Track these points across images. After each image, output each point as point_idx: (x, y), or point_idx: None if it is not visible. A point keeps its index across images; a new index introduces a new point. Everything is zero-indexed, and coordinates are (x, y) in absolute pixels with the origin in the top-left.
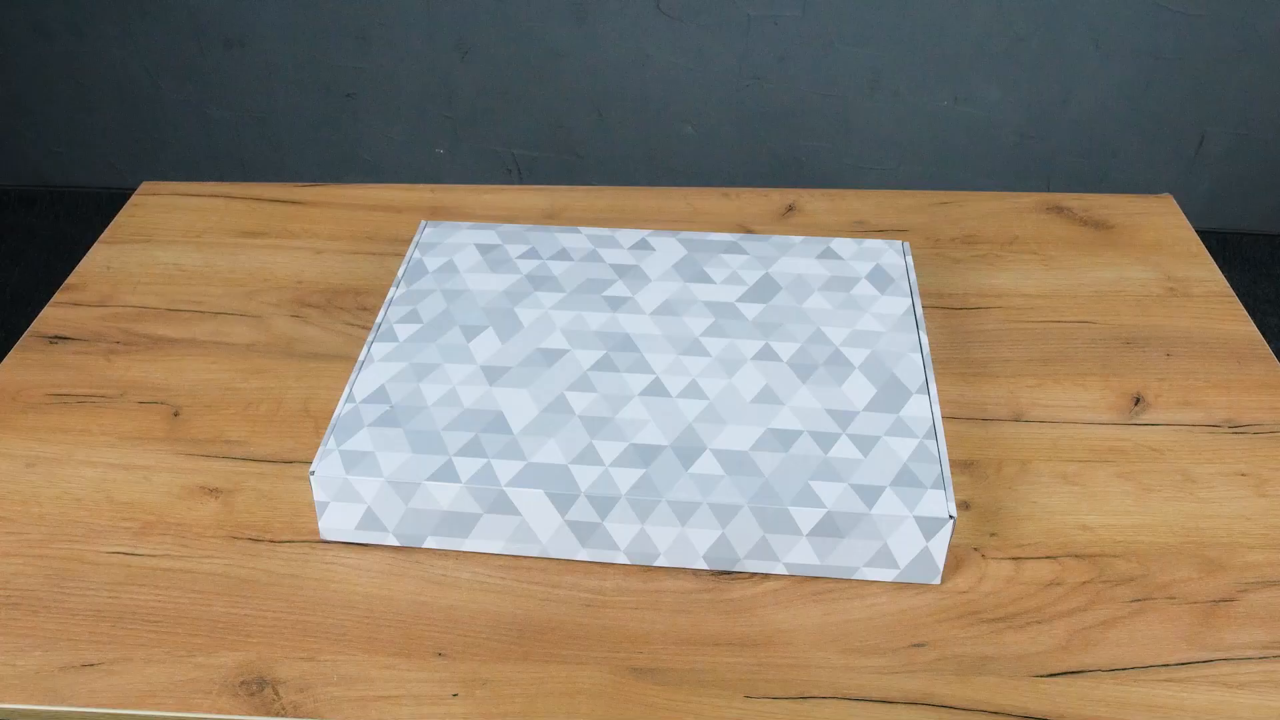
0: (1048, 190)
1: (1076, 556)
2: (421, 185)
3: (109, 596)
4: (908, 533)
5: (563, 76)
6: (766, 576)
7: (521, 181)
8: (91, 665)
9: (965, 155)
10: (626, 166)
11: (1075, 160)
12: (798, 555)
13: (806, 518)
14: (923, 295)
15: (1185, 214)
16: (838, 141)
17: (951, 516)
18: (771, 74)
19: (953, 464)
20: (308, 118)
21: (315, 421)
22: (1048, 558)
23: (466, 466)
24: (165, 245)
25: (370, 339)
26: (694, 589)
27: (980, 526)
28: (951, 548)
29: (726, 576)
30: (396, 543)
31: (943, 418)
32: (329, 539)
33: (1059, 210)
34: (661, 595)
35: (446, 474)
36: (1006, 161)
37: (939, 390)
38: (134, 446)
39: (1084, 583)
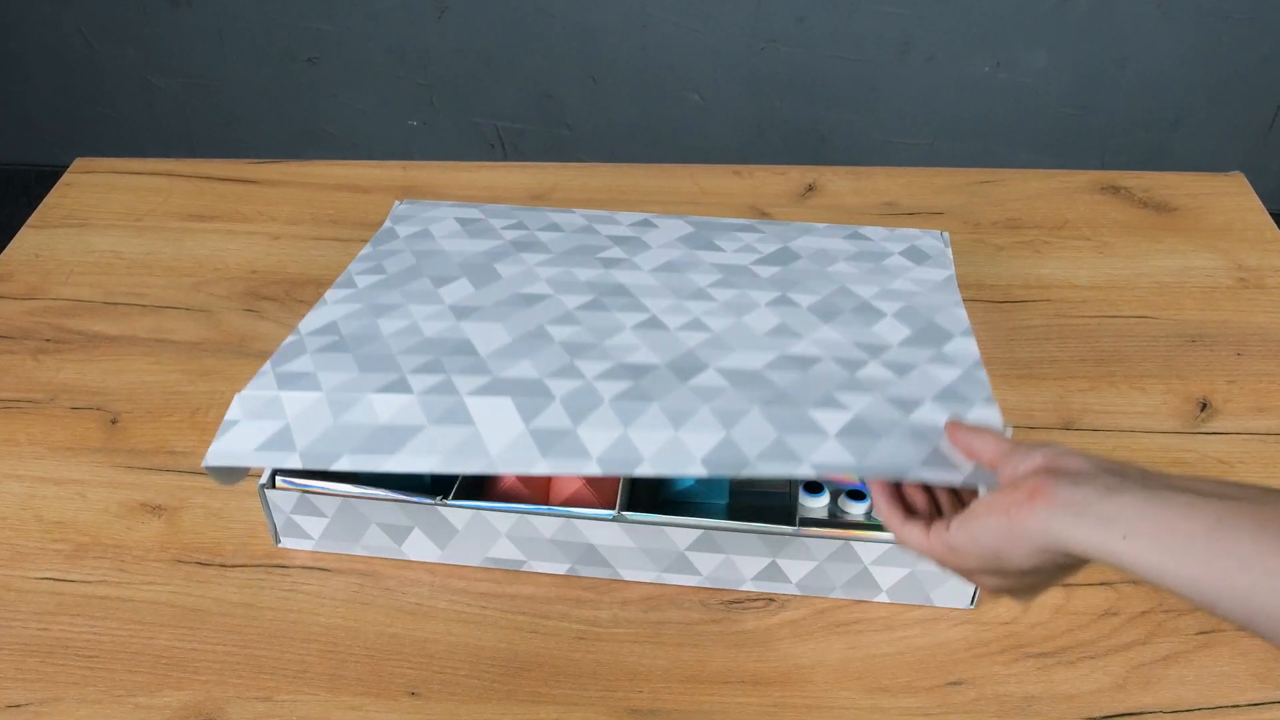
0: (1102, 168)
1: (1135, 584)
2: (392, 162)
3: (37, 628)
4: None
5: (552, 38)
6: (783, 606)
7: (506, 157)
8: (17, 706)
9: (1008, 128)
10: (624, 141)
11: (1133, 134)
12: (828, 455)
13: (832, 420)
14: (961, 286)
15: (1258, 194)
16: (864, 113)
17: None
18: (789, 36)
19: None
20: (264, 86)
21: None
22: (1102, 584)
23: (421, 382)
24: (102, 230)
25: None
26: (700, 619)
27: None
28: None
29: (737, 606)
30: (300, 464)
31: None
32: (211, 464)
33: (1115, 190)
34: (664, 626)
35: (398, 386)
36: (1055, 135)
37: None
38: (66, 458)
39: (1143, 613)
